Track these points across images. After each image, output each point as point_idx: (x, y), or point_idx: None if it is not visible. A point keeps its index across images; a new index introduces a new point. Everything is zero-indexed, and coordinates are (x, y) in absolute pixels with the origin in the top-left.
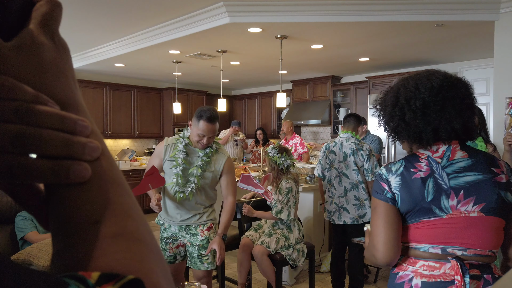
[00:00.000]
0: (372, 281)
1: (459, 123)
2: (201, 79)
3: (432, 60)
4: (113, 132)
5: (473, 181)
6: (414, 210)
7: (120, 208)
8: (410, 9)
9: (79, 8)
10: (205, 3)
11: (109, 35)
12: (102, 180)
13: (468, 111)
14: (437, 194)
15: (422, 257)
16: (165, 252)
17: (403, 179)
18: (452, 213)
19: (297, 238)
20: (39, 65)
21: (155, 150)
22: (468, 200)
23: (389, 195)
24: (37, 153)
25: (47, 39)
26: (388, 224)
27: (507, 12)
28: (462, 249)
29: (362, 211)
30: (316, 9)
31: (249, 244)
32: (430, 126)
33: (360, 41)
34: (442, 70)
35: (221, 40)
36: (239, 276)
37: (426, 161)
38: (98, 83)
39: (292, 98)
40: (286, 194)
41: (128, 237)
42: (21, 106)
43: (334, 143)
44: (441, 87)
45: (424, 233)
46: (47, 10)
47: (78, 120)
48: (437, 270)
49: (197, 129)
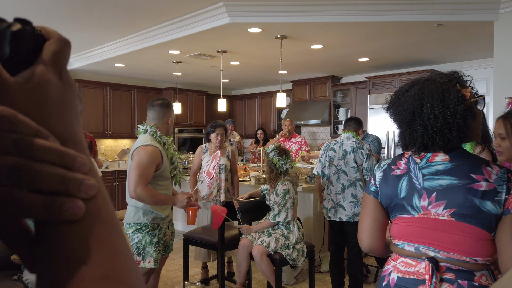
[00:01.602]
0: (372, 281)
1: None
2: (201, 79)
3: (432, 60)
4: (113, 132)
5: (447, 185)
6: (391, 206)
7: (111, 249)
8: (410, 9)
9: (79, 8)
10: (205, 3)
11: (109, 35)
12: (95, 219)
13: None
14: (410, 192)
15: (402, 254)
16: (159, 252)
17: (384, 174)
18: (423, 213)
19: (297, 238)
20: (43, 101)
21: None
22: (439, 203)
23: (373, 189)
24: (33, 187)
25: (55, 77)
26: (369, 215)
27: (507, 12)
28: (435, 250)
29: (358, 209)
30: (316, 9)
31: (248, 244)
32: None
33: (360, 41)
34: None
35: (221, 40)
36: (238, 275)
37: (406, 160)
38: (98, 83)
39: (292, 98)
40: (283, 196)
41: (117, 281)
42: (21, 139)
43: (335, 141)
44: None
45: (400, 230)
46: (57, 48)
47: (77, 157)
48: (412, 267)
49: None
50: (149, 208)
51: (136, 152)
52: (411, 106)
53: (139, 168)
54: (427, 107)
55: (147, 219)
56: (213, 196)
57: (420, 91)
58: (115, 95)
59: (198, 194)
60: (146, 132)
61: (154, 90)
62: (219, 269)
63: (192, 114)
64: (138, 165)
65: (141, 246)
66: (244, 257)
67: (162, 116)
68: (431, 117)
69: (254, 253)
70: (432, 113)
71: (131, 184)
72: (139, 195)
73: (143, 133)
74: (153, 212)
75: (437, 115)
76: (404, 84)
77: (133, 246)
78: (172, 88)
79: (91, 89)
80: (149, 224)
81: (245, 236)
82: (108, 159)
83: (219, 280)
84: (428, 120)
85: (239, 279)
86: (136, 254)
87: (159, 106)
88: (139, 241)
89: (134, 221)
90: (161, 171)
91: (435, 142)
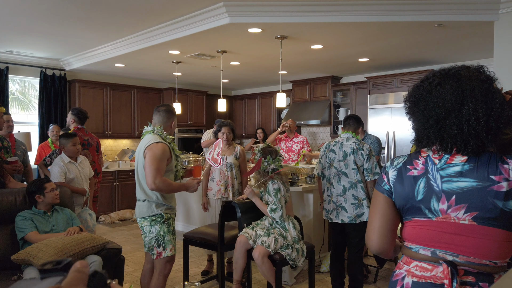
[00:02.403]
0: (372, 281)
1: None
2: (201, 79)
3: (432, 60)
4: (113, 132)
5: (466, 187)
6: (405, 207)
7: None
8: (410, 9)
9: (79, 8)
10: (205, 4)
11: (109, 35)
12: None
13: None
14: (428, 195)
15: (416, 258)
16: (175, 240)
17: (399, 174)
18: (441, 216)
19: (294, 237)
20: None
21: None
22: (459, 207)
23: (386, 187)
24: None
25: None
26: (381, 214)
27: (507, 13)
28: (453, 254)
29: (360, 210)
30: (316, 9)
31: (244, 241)
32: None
33: (360, 41)
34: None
35: (221, 41)
36: (235, 273)
37: (423, 160)
38: (98, 83)
39: (292, 98)
40: (276, 195)
41: None
42: None
43: (334, 142)
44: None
45: (415, 233)
46: None
47: None
48: (429, 272)
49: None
50: (161, 200)
51: (149, 148)
52: (449, 103)
53: (155, 162)
54: (469, 107)
55: (161, 210)
56: (221, 193)
57: (459, 87)
58: (115, 95)
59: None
60: (153, 132)
61: (154, 90)
62: (219, 269)
63: (192, 114)
64: (154, 160)
65: (160, 237)
66: (241, 253)
67: (166, 120)
68: (472, 119)
69: (255, 256)
70: (474, 114)
71: (150, 177)
72: (158, 185)
73: (150, 133)
74: (164, 204)
75: (479, 117)
76: (428, 75)
77: (152, 240)
78: (172, 88)
79: (91, 89)
80: (164, 214)
81: (242, 234)
82: (108, 159)
83: (219, 280)
84: (467, 121)
85: (236, 276)
86: (156, 247)
87: (164, 111)
88: (157, 233)
89: (148, 214)
90: (170, 166)
91: (468, 145)
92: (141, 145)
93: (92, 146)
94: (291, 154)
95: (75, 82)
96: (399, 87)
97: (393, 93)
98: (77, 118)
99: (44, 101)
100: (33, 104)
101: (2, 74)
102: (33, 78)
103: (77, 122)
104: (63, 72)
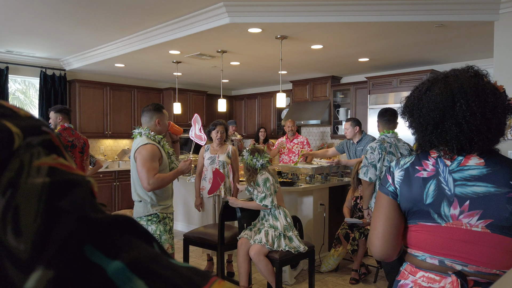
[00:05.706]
0: (372, 281)
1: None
2: (201, 79)
3: (432, 60)
4: (113, 132)
5: (483, 193)
6: (412, 210)
7: None
8: (410, 9)
9: (79, 8)
10: (205, 3)
11: (109, 35)
12: None
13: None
14: (438, 198)
15: (422, 267)
16: (173, 239)
17: (406, 174)
18: (452, 222)
19: (284, 225)
20: None
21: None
22: (473, 213)
23: (391, 189)
24: None
25: None
26: (386, 218)
27: (507, 13)
28: (463, 264)
29: None
30: (316, 9)
31: (245, 243)
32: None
33: (360, 41)
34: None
35: (221, 41)
36: (240, 278)
37: (434, 161)
38: (98, 83)
39: (292, 98)
40: (264, 184)
41: None
42: None
43: (387, 143)
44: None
45: (422, 238)
46: None
47: None
48: (437, 283)
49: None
50: (155, 201)
51: (137, 152)
52: (440, 104)
53: (146, 163)
54: (461, 104)
55: (156, 209)
56: (213, 191)
57: (447, 87)
58: (115, 95)
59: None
60: (141, 135)
61: (154, 90)
62: (219, 269)
63: (192, 114)
64: (144, 162)
65: (156, 236)
66: (244, 256)
67: (149, 120)
68: (467, 115)
69: (251, 254)
70: (469, 110)
71: (144, 179)
72: (153, 185)
73: (138, 136)
74: (159, 204)
75: (474, 111)
76: (419, 84)
77: None
78: (172, 88)
79: (91, 89)
80: (159, 214)
81: (242, 236)
82: (108, 159)
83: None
84: (463, 118)
85: (242, 282)
86: None
87: (147, 111)
88: (154, 232)
89: (144, 214)
90: (163, 165)
91: (474, 143)
92: (132, 149)
93: (77, 147)
94: (291, 156)
95: (75, 82)
96: (399, 87)
97: (393, 93)
98: (65, 114)
99: (44, 101)
100: (34, 104)
101: (2, 74)
102: (33, 78)
103: (65, 119)
104: (63, 72)
